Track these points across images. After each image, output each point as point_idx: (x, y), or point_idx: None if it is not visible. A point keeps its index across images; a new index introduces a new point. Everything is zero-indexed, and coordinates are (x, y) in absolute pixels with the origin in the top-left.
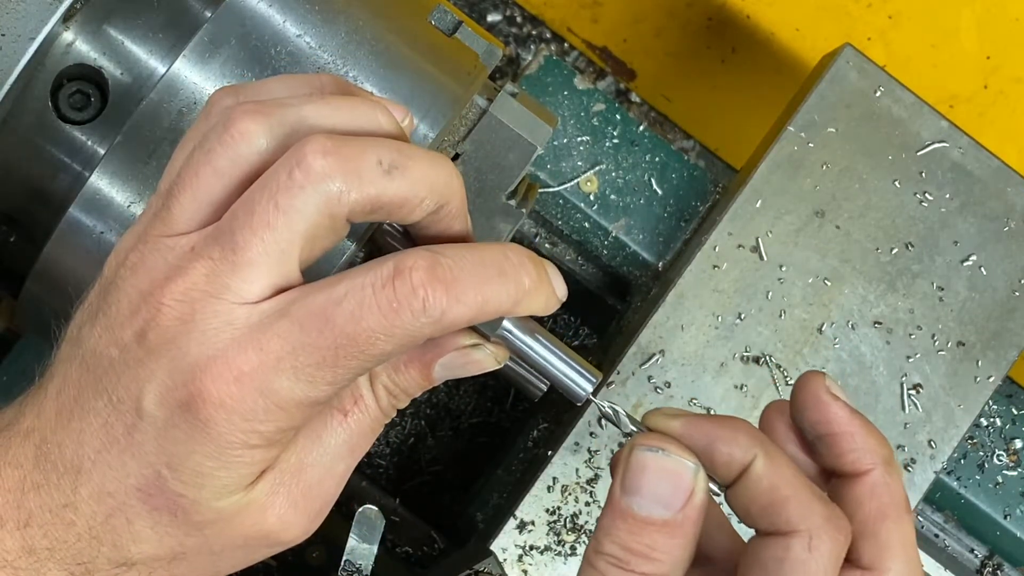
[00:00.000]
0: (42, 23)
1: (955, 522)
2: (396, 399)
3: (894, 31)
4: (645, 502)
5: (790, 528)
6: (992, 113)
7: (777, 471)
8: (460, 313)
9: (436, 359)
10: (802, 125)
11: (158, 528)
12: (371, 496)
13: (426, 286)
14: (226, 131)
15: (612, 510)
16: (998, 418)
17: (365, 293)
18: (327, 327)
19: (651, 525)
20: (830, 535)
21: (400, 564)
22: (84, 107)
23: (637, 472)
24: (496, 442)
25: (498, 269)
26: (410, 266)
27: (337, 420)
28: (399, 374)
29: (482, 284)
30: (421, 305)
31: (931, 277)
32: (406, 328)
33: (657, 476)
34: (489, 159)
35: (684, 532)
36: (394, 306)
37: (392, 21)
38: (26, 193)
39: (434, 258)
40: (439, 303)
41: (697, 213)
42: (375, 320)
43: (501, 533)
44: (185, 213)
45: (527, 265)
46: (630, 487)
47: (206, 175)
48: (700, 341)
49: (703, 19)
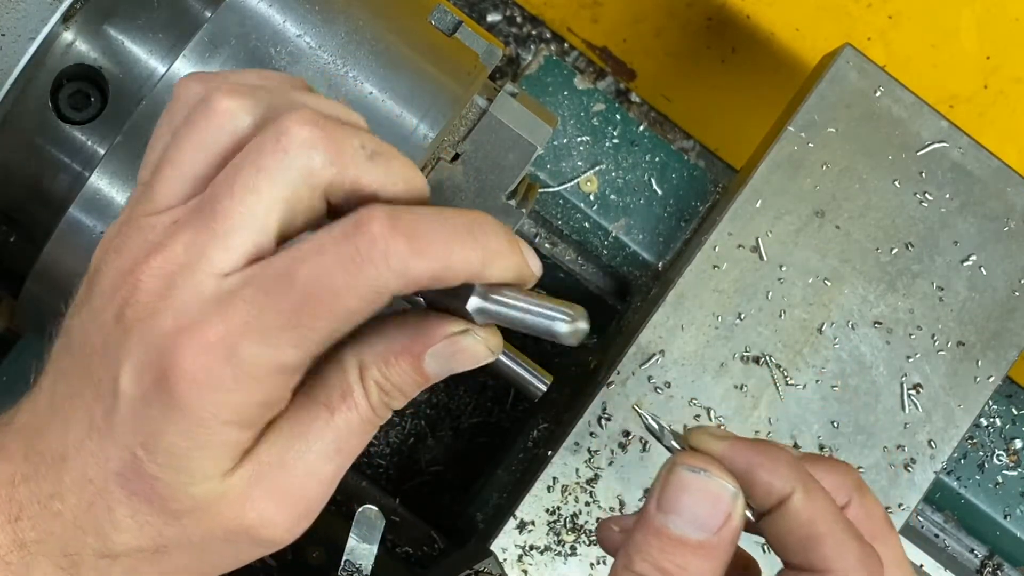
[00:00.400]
0: (42, 23)
1: (955, 522)
2: (389, 396)
3: (894, 31)
4: (682, 522)
5: (824, 567)
6: (992, 113)
7: (815, 506)
8: (424, 267)
9: (425, 349)
10: (802, 125)
11: (137, 516)
12: (371, 496)
13: (387, 237)
14: (209, 107)
15: (646, 527)
16: (998, 418)
17: (326, 248)
18: (289, 286)
19: (686, 545)
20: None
21: (400, 564)
22: (84, 107)
23: (676, 491)
24: (496, 442)
25: (465, 228)
26: (369, 218)
27: (323, 418)
28: (390, 367)
29: (446, 240)
30: (382, 256)
31: (931, 277)
32: (369, 280)
33: (697, 497)
34: (489, 159)
35: (718, 555)
36: (356, 259)
37: (392, 21)
38: (26, 193)
39: (395, 211)
40: (401, 254)
41: (697, 213)
42: (337, 274)
43: (501, 533)
44: (168, 188)
45: (498, 231)
46: (667, 505)
47: (189, 149)
48: (700, 341)
49: (703, 19)
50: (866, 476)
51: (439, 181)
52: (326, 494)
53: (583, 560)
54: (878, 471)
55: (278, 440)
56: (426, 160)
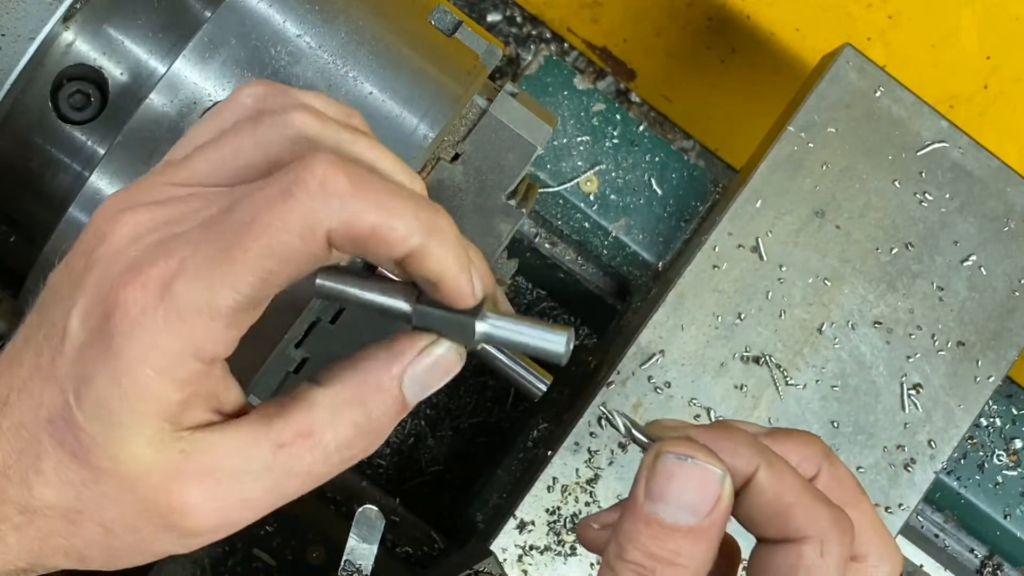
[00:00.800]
0: (42, 23)
1: (955, 522)
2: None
3: (894, 31)
4: (671, 509)
5: (799, 535)
6: (992, 113)
7: (780, 480)
8: (362, 210)
9: (401, 374)
10: (802, 125)
11: (60, 469)
12: (371, 496)
13: (328, 170)
14: (282, 113)
15: (635, 516)
16: (998, 418)
17: (267, 183)
18: (227, 220)
19: (677, 531)
20: (839, 538)
21: (400, 564)
22: (84, 107)
23: (663, 479)
24: (496, 442)
25: (411, 193)
26: (315, 156)
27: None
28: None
29: (390, 193)
30: (319, 185)
31: (931, 277)
32: (302, 210)
33: (685, 483)
34: (489, 159)
35: (709, 537)
36: (292, 189)
37: (392, 21)
38: (26, 193)
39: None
40: (339, 185)
41: (697, 213)
42: (273, 205)
43: (501, 533)
44: (206, 168)
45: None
46: (655, 494)
47: (246, 141)
48: (700, 341)
49: (703, 19)
50: (866, 476)
51: (439, 181)
52: (245, 521)
53: (583, 560)
54: (878, 471)
55: (219, 443)
56: (426, 160)
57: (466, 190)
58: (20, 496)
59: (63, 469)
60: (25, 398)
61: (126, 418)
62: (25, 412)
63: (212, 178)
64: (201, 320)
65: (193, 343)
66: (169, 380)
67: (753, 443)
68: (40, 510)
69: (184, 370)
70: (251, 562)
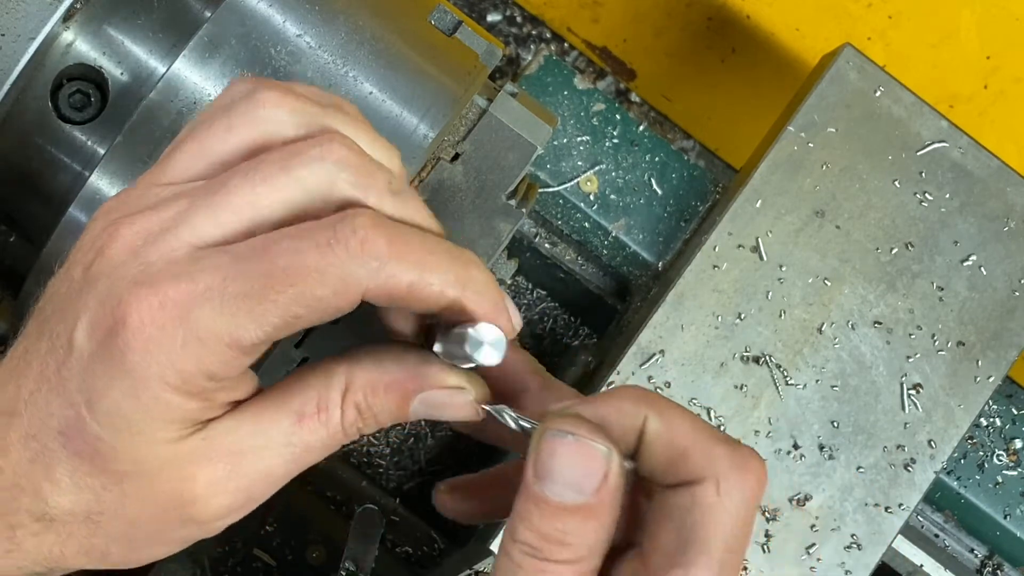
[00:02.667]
0: (42, 23)
1: (955, 522)
2: (364, 422)
3: (894, 31)
4: (557, 487)
5: (696, 477)
6: (992, 113)
7: (670, 424)
8: (399, 271)
9: (418, 391)
10: (802, 125)
11: (76, 476)
12: (371, 496)
13: (368, 230)
14: (251, 97)
15: (526, 495)
16: (998, 418)
17: (306, 231)
18: (261, 256)
19: (564, 511)
20: (739, 476)
21: (400, 564)
22: (84, 107)
23: (547, 457)
24: None
25: (447, 250)
26: (354, 213)
27: (290, 421)
28: (376, 396)
29: (429, 251)
30: (359, 245)
31: (931, 277)
32: (340, 267)
33: (568, 460)
34: (489, 159)
35: (599, 515)
36: (331, 242)
37: (392, 21)
38: (26, 193)
39: (380, 216)
40: (379, 248)
41: (697, 213)
42: (309, 254)
43: (501, 533)
44: (184, 163)
45: (480, 265)
46: (542, 472)
47: (218, 129)
48: (700, 341)
49: (703, 19)
50: (866, 476)
51: (439, 181)
52: (267, 495)
53: None
54: (878, 471)
55: (239, 427)
56: (426, 160)
57: (466, 190)
58: (35, 505)
59: (79, 476)
60: (33, 409)
61: (146, 427)
62: (34, 423)
63: (193, 171)
64: (220, 348)
65: (209, 368)
66: (185, 394)
67: (636, 395)
68: (58, 517)
69: (200, 388)
70: (251, 562)
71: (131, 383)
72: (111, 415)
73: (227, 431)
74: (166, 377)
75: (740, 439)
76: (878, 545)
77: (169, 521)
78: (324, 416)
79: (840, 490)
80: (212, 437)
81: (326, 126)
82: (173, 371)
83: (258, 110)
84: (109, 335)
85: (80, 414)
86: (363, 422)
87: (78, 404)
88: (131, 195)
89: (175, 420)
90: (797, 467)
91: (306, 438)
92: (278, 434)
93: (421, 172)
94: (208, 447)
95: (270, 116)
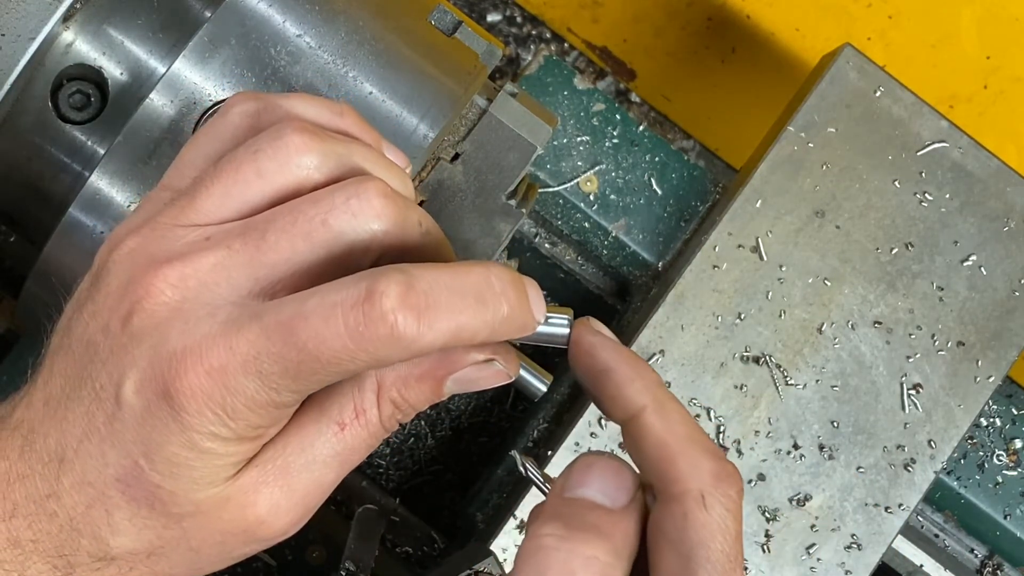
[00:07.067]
0: (42, 23)
1: (955, 522)
2: (402, 413)
3: (894, 31)
4: (591, 491)
5: (678, 485)
6: (992, 113)
7: (667, 425)
8: (431, 340)
9: (449, 375)
10: (802, 125)
11: (136, 520)
12: (371, 496)
13: (397, 311)
14: (280, 138)
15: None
16: (998, 418)
17: (333, 312)
18: (291, 340)
19: (596, 507)
20: (723, 489)
21: (400, 564)
22: (84, 107)
23: (583, 469)
24: (496, 442)
25: (476, 296)
26: (382, 291)
27: (332, 431)
28: (408, 389)
29: (458, 312)
30: (389, 331)
31: (931, 277)
32: (372, 353)
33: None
34: (489, 159)
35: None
36: (361, 330)
37: (392, 21)
38: (26, 193)
39: (408, 281)
40: (410, 330)
41: (697, 213)
42: (340, 341)
43: (501, 533)
44: (212, 204)
45: (508, 292)
46: (575, 484)
47: (248, 174)
48: (700, 341)
49: (703, 19)
50: (866, 476)
51: (439, 181)
52: (324, 498)
53: None
54: (878, 471)
55: (285, 448)
56: (426, 160)
57: (466, 190)
58: (94, 547)
59: (139, 519)
60: (85, 457)
61: (200, 473)
62: (88, 471)
63: (220, 214)
64: (266, 411)
65: (256, 423)
66: (238, 442)
67: (649, 382)
68: (118, 556)
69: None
70: (251, 562)
71: (187, 438)
72: (170, 464)
73: (276, 455)
74: (221, 433)
75: (740, 439)
76: (878, 545)
77: (234, 544)
78: (363, 419)
79: (840, 490)
80: (263, 463)
81: (355, 166)
82: (226, 428)
83: (289, 156)
84: (161, 396)
85: (138, 464)
86: (401, 414)
87: (135, 455)
88: (155, 233)
89: (230, 464)
90: (797, 467)
91: (350, 443)
92: (323, 446)
93: (421, 172)
94: (261, 473)
95: (302, 163)
